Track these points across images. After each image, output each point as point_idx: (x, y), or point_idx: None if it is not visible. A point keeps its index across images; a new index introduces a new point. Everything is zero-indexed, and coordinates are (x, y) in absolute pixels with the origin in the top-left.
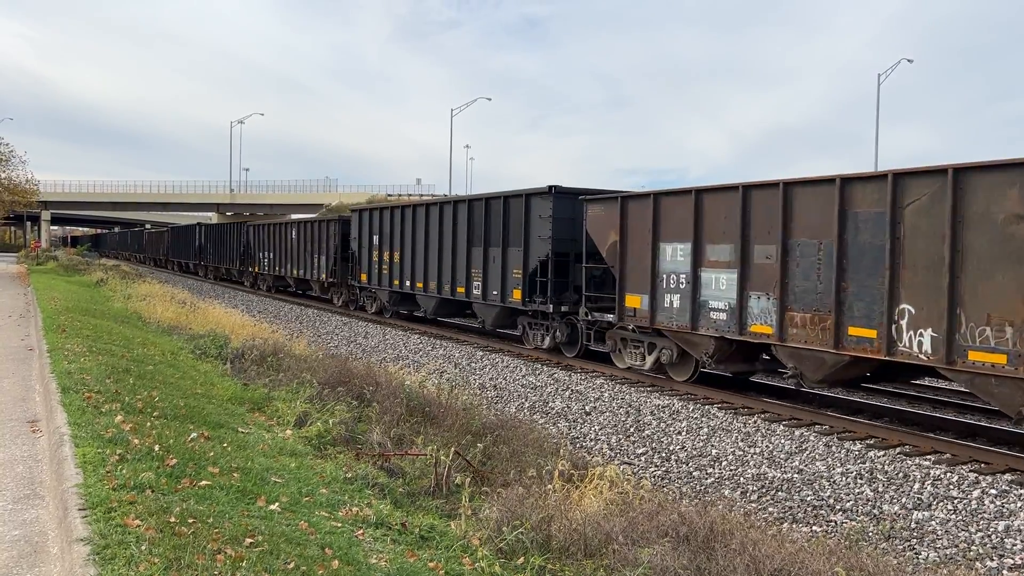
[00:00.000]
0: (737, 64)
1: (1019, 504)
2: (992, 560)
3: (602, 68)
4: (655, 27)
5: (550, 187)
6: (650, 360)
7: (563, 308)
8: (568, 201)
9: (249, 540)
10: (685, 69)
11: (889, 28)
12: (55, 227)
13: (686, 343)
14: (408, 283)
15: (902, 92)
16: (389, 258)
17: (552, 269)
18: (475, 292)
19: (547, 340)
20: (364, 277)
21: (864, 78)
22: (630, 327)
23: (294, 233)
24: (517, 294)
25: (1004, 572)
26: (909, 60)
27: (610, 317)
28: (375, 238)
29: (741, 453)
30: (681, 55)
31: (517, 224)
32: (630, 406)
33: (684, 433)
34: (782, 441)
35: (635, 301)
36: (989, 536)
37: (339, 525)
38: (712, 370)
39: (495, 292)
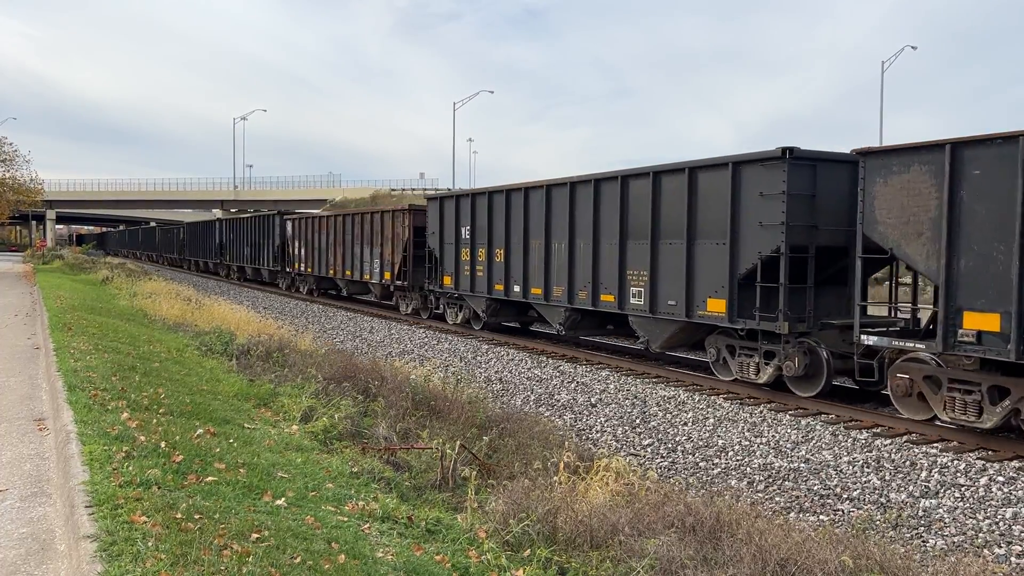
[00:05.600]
0: (741, 52)
1: None
2: (1000, 547)
3: (604, 58)
4: (657, 15)
5: (784, 150)
6: (997, 414)
7: (799, 326)
8: (807, 171)
9: (255, 535)
10: (688, 58)
11: (893, 15)
12: (60, 226)
13: None
14: (518, 288)
15: (907, 79)
16: (487, 256)
17: (785, 269)
18: (635, 301)
19: (765, 371)
20: (448, 280)
21: (868, 65)
22: (929, 358)
23: (349, 226)
24: (716, 305)
25: (1012, 559)
26: (913, 47)
27: (920, 346)
28: (465, 231)
29: (747, 443)
30: (684, 44)
31: (716, 206)
32: (636, 397)
33: (690, 424)
34: (788, 431)
35: (982, 318)
36: (997, 523)
37: (345, 519)
38: None
39: (672, 302)
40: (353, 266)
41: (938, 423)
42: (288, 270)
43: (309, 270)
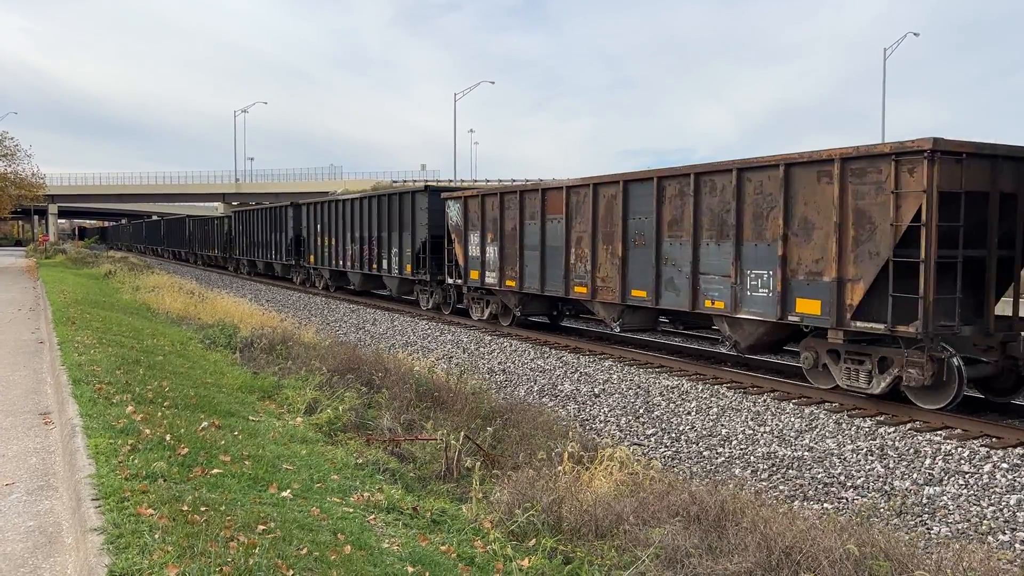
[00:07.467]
0: (742, 41)
1: None
2: (1004, 534)
3: (606, 48)
4: (658, 4)
5: None
6: None
7: None
8: None
9: (262, 527)
10: (689, 48)
11: (896, 1)
12: (62, 220)
13: None
14: None
15: (909, 66)
16: None
17: None
18: None
19: None
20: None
21: (871, 53)
22: None
23: (648, 204)
24: None
25: (1016, 546)
26: (915, 34)
27: None
28: None
29: (751, 432)
30: (685, 33)
31: None
32: (639, 387)
33: (694, 413)
34: (792, 419)
35: None
36: (1001, 510)
37: (351, 510)
38: None
39: None
40: (661, 281)
41: None
42: (452, 281)
43: (510, 283)
